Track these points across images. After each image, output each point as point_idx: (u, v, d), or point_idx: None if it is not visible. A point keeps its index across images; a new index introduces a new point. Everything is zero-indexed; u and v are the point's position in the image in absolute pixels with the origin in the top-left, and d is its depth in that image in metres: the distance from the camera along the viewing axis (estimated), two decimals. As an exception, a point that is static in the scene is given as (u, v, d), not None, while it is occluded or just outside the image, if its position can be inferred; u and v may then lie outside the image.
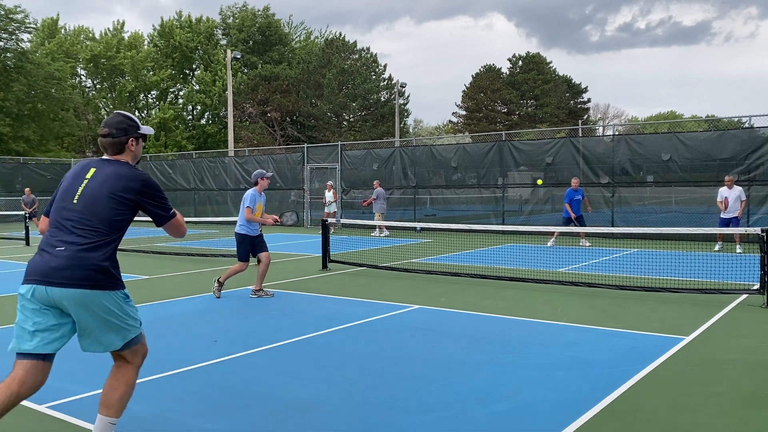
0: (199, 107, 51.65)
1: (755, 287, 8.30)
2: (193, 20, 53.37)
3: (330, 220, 12.69)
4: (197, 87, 51.39)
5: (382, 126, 49.41)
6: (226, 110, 40.29)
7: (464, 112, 63.22)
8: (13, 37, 38.02)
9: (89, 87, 52.14)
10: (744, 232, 9.21)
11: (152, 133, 4.20)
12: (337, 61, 49.03)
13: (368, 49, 51.75)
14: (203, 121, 53.11)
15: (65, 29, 52.10)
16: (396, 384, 4.92)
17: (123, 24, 54.00)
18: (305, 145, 25.51)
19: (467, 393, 4.67)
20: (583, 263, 12.35)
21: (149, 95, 52.87)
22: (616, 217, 18.09)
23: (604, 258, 13.32)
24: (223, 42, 54.16)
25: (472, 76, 62.64)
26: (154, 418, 4.22)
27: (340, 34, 54.35)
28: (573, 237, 16.90)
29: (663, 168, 17.50)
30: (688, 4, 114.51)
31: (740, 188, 13.96)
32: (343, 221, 19.14)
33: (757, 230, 8.05)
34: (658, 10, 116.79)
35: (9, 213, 26.35)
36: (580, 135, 20.87)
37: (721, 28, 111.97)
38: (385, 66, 52.68)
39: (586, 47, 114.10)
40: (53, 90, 39.46)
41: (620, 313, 7.50)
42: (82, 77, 52.10)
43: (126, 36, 51.99)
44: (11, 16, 37.16)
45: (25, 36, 41.06)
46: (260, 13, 54.02)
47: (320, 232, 12.29)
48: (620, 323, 6.98)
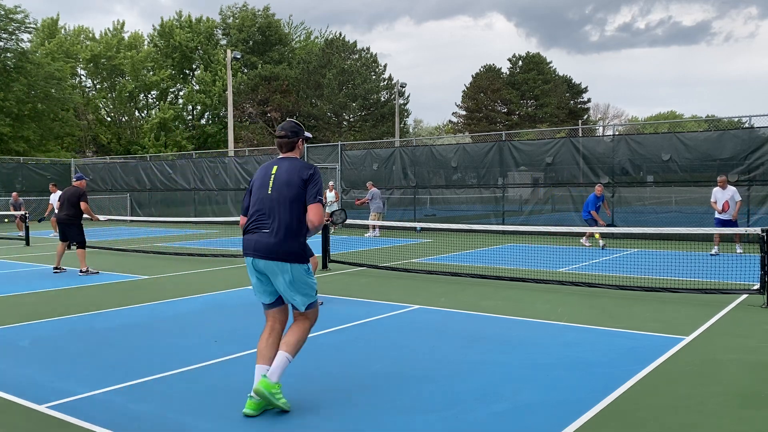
0: (199, 107, 51.64)
1: (755, 287, 8.30)
2: (193, 20, 53.37)
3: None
4: (197, 87, 51.38)
5: (382, 126, 49.43)
6: (226, 110, 40.29)
7: (464, 112, 63.22)
8: (13, 37, 38.05)
9: (89, 87, 52.13)
10: (744, 232, 9.18)
11: (311, 137, 4.89)
12: (337, 61, 49.04)
13: (368, 49, 51.81)
14: (203, 121, 53.11)
15: (65, 29, 52.09)
16: (396, 384, 4.92)
17: (123, 24, 54.02)
18: (305, 145, 25.48)
19: (467, 393, 4.67)
20: (583, 263, 12.35)
21: (149, 95, 52.87)
22: (616, 217, 18.08)
23: (604, 258, 13.32)
24: (223, 42, 54.16)
25: (472, 76, 62.67)
26: (154, 418, 4.22)
27: (340, 34, 54.41)
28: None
29: (663, 168, 17.50)
30: (688, 4, 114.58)
31: (734, 188, 13.29)
32: (343, 221, 19.13)
33: (757, 230, 8.05)
34: (658, 10, 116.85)
35: (8, 213, 26.33)
36: (580, 135, 20.87)
37: (721, 28, 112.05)
38: (385, 66, 52.75)
39: (586, 47, 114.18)
40: (53, 90, 39.46)
41: (620, 313, 7.50)
42: (82, 77, 52.11)
43: (126, 36, 52.01)
44: (11, 16, 37.17)
45: (25, 36, 41.14)
46: (260, 13, 54.03)
47: (320, 232, 12.29)
48: (620, 323, 6.98)
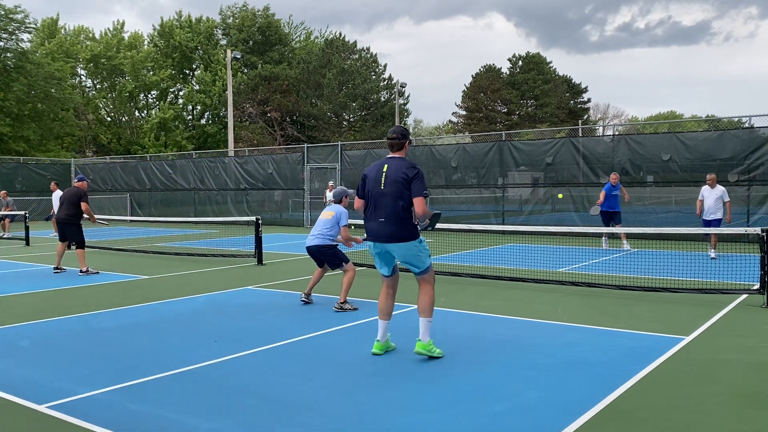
0: (199, 107, 51.64)
1: (755, 287, 8.30)
2: (193, 20, 53.37)
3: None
4: (197, 87, 51.37)
5: (382, 126, 49.40)
6: (226, 110, 40.29)
7: (464, 112, 63.23)
8: (13, 37, 38.05)
9: (89, 87, 52.12)
10: (744, 232, 9.19)
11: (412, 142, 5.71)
12: (337, 61, 49.03)
13: (368, 49, 51.79)
14: (203, 121, 53.10)
15: (65, 29, 52.08)
16: (396, 384, 4.92)
17: (123, 24, 54.01)
18: (305, 145, 25.52)
19: (467, 393, 4.67)
20: (583, 263, 12.35)
21: (149, 95, 52.86)
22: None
23: (604, 258, 13.32)
24: (223, 42, 54.16)
25: (472, 76, 62.70)
26: (154, 418, 4.22)
27: (340, 34, 54.39)
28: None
29: (663, 168, 17.50)
30: (688, 4, 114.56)
31: (723, 188, 12.70)
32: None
33: (757, 230, 8.05)
34: (658, 10, 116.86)
35: (8, 213, 26.33)
36: (580, 135, 20.85)
37: (721, 28, 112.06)
38: (385, 66, 52.73)
39: (586, 47, 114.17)
40: (53, 90, 39.45)
41: (620, 313, 7.50)
42: (82, 77, 52.10)
43: (126, 36, 52.01)
44: (11, 16, 37.17)
45: (25, 36, 41.12)
46: (260, 13, 54.03)
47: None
48: (620, 323, 6.98)
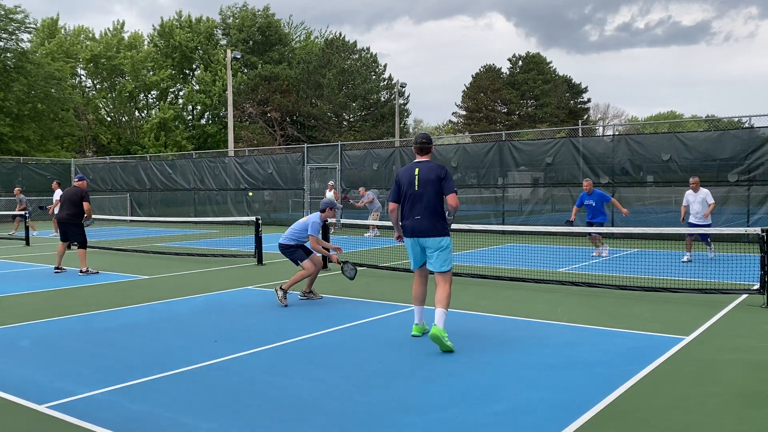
0: (199, 107, 51.64)
1: (755, 287, 8.30)
2: (193, 20, 53.38)
3: (330, 220, 12.67)
4: (197, 87, 51.38)
5: (382, 126, 49.41)
6: (226, 110, 40.29)
7: (464, 112, 63.23)
8: (13, 37, 38.04)
9: (89, 87, 52.14)
10: (744, 232, 9.19)
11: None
12: (337, 61, 49.03)
13: (368, 49, 51.78)
14: (203, 121, 53.11)
15: (65, 29, 52.10)
16: (396, 384, 4.92)
17: (123, 24, 53.99)
18: (305, 145, 25.51)
19: (467, 393, 4.67)
20: (583, 263, 12.35)
21: (149, 95, 52.87)
22: (616, 217, 18.08)
23: (604, 258, 13.32)
24: (223, 42, 54.16)
25: (472, 76, 62.68)
26: (154, 418, 4.22)
27: (340, 34, 54.38)
28: (579, 237, 16.87)
29: (663, 168, 17.50)
30: (688, 4, 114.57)
31: (706, 191, 12.44)
32: (343, 221, 19.15)
33: (757, 230, 8.05)
34: (658, 10, 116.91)
35: (9, 213, 26.33)
36: (580, 135, 20.85)
37: (721, 28, 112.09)
38: (385, 66, 52.71)
39: (586, 47, 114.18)
40: (53, 90, 39.45)
41: (620, 313, 7.50)
42: (82, 77, 52.11)
43: (126, 36, 52.02)
44: (11, 16, 37.16)
45: (25, 36, 41.13)
46: (260, 13, 54.03)
47: (320, 233, 12.26)
48: (620, 323, 6.98)
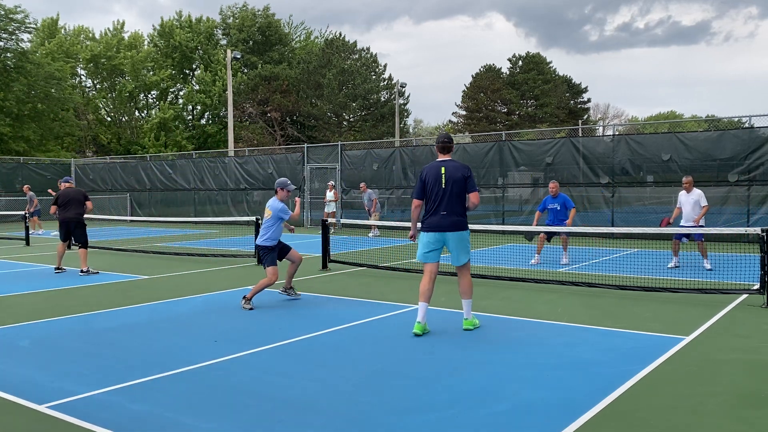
0: (199, 107, 51.63)
1: (755, 287, 8.30)
2: (193, 20, 53.37)
3: (330, 220, 12.69)
4: (197, 87, 51.36)
5: (382, 126, 49.40)
6: (226, 110, 40.28)
7: (464, 112, 63.21)
8: (13, 37, 38.03)
9: (89, 87, 52.13)
10: (744, 232, 9.19)
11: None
12: (337, 61, 49.02)
13: (368, 49, 51.77)
14: (203, 121, 53.09)
15: (65, 29, 52.10)
16: (396, 384, 4.92)
17: (123, 24, 53.98)
18: (305, 145, 25.51)
19: (467, 393, 4.67)
20: (583, 263, 12.34)
21: (149, 95, 52.86)
22: (616, 217, 18.09)
23: (604, 258, 13.32)
24: (223, 42, 54.14)
25: (472, 76, 62.66)
26: (154, 418, 4.22)
27: (340, 34, 54.37)
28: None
29: (663, 168, 17.50)
30: (687, 4, 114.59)
31: (700, 192, 11.72)
32: (343, 221, 19.15)
33: (757, 230, 8.05)
34: (657, 10, 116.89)
35: (9, 213, 26.35)
36: (580, 135, 20.86)
37: (721, 28, 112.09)
38: (385, 66, 52.70)
39: (585, 47, 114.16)
40: (53, 90, 39.44)
41: (620, 313, 7.51)
42: (82, 77, 52.10)
43: (126, 36, 52.01)
44: (11, 16, 37.15)
45: (25, 36, 41.13)
46: (260, 13, 54.01)
47: (320, 232, 12.29)
48: (620, 323, 6.98)
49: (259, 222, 13.07)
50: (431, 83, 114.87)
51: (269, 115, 48.62)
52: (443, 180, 6.40)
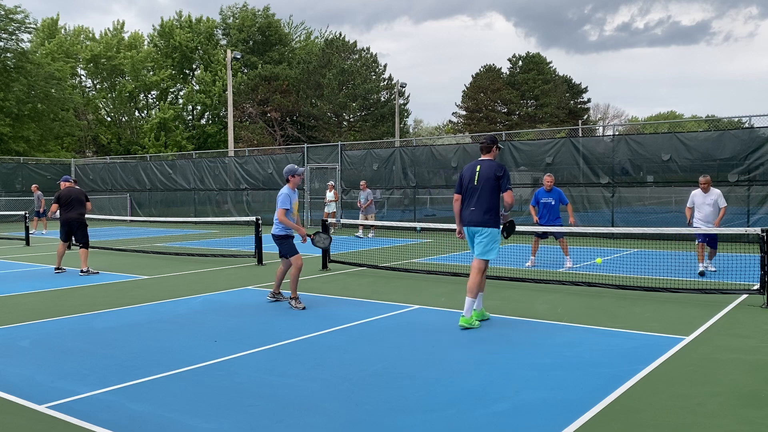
0: (199, 107, 51.63)
1: (755, 287, 8.30)
2: (193, 20, 53.37)
3: (330, 220, 12.69)
4: (197, 87, 51.36)
5: (382, 126, 49.39)
6: (226, 110, 40.28)
7: (464, 112, 63.20)
8: (13, 37, 38.01)
9: (89, 87, 52.13)
10: (744, 232, 9.18)
11: (502, 148, 6.40)
12: (337, 61, 49.02)
13: (368, 49, 51.75)
14: (203, 121, 53.09)
15: (65, 29, 52.10)
16: (396, 384, 4.92)
17: (123, 24, 53.95)
18: (305, 145, 25.51)
19: (467, 393, 4.67)
20: (584, 263, 12.34)
21: (149, 95, 52.86)
22: (616, 217, 18.09)
23: (604, 258, 13.31)
24: (223, 42, 54.14)
25: (472, 76, 62.66)
26: (154, 418, 4.22)
27: (340, 34, 54.38)
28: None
29: (663, 168, 17.50)
30: (687, 4, 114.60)
31: (718, 192, 10.68)
32: (343, 221, 19.15)
33: (757, 230, 8.05)
34: (657, 10, 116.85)
35: (9, 213, 26.35)
36: (580, 135, 20.86)
37: (721, 28, 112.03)
38: (385, 66, 52.70)
39: (585, 47, 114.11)
40: (53, 90, 39.44)
41: (620, 313, 7.51)
42: (82, 77, 52.11)
43: (126, 36, 52.01)
44: (11, 16, 37.14)
45: (25, 36, 41.10)
46: (260, 13, 54.02)
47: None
48: (620, 323, 6.98)
49: (260, 222, 13.09)
50: (431, 83, 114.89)
51: (269, 115, 48.61)
52: (476, 178, 6.83)
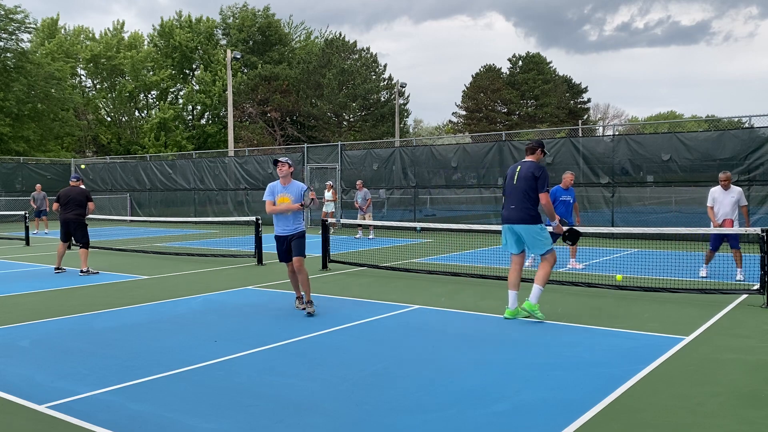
0: (199, 107, 51.62)
1: (755, 287, 8.30)
2: (193, 20, 53.37)
3: (330, 220, 12.69)
4: (197, 87, 51.36)
5: (382, 126, 49.39)
6: (226, 110, 40.28)
7: (464, 112, 63.20)
8: (13, 37, 38.02)
9: (89, 87, 52.13)
10: (744, 232, 9.17)
11: (547, 153, 6.57)
12: (337, 61, 49.02)
13: (368, 49, 51.76)
14: (203, 121, 53.08)
15: (65, 29, 52.09)
16: (396, 384, 4.92)
17: (123, 24, 53.96)
18: (305, 145, 25.51)
19: (467, 393, 4.67)
20: (584, 263, 12.34)
21: (149, 95, 52.86)
22: (616, 217, 18.09)
23: (604, 258, 13.31)
24: (223, 42, 54.14)
25: (472, 76, 62.67)
26: (154, 418, 4.22)
27: (340, 34, 54.37)
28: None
29: (663, 168, 17.50)
30: (687, 4, 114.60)
31: (739, 189, 10.27)
32: (343, 221, 19.15)
33: (757, 230, 8.05)
34: (657, 10, 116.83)
35: (9, 213, 26.34)
36: (580, 135, 20.85)
37: (721, 28, 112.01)
38: (385, 66, 52.71)
39: (585, 47, 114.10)
40: (53, 90, 39.44)
41: (620, 313, 7.51)
42: (82, 77, 52.10)
43: (126, 36, 52.02)
44: (11, 16, 37.15)
45: (25, 36, 41.10)
46: (260, 13, 54.02)
47: (320, 232, 12.30)
48: (620, 323, 6.98)
49: (260, 222, 13.09)
50: (431, 83, 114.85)
51: (269, 115, 48.61)
52: (515, 177, 7.22)
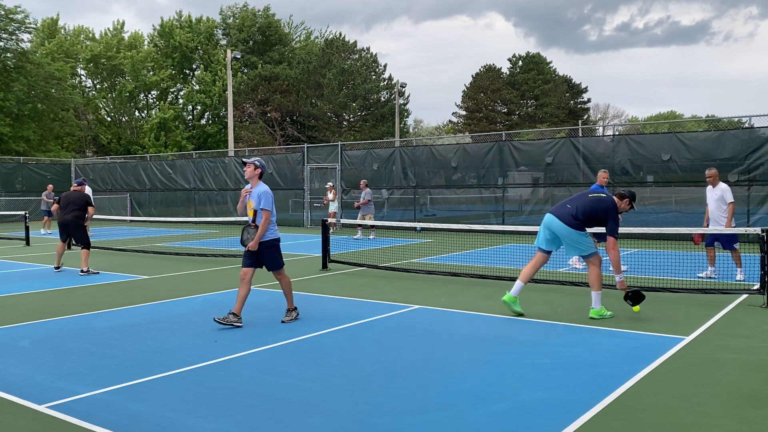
0: (199, 107, 51.63)
1: (755, 287, 8.30)
2: (193, 20, 53.37)
3: (330, 220, 12.70)
4: (197, 87, 51.36)
5: (382, 126, 49.40)
6: (226, 110, 40.28)
7: (464, 112, 63.23)
8: (13, 37, 38.01)
9: (89, 87, 52.12)
10: (744, 232, 9.17)
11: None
12: (337, 61, 49.03)
13: (368, 49, 51.80)
14: (203, 121, 53.08)
15: (65, 29, 52.08)
16: (396, 384, 4.92)
17: (123, 24, 53.97)
18: (305, 145, 25.51)
19: (467, 393, 4.67)
20: (584, 263, 12.32)
21: (149, 95, 52.86)
22: (616, 217, 18.05)
23: (605, 258, 13.29)
24: (223, 42, 54.14)
25: (472, 76, 62.71)
26: (154, 418, 4.22)
27: (340, 34, 54.40)
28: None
29: (663, 168, 17.50)
30: (687, 4, 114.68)
31: (725, 186, 10.16)
32: (343, 221, 19.15)
33: (757, 230, 8.05)
34: (657, 10, 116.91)
35: (9, 213, 26.34)
36: (580, 135, 20.85)
37: (721, 28, 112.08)
38: (385, 66, 52.73)
39: (585, 47, 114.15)
40: (53, 90, 39.43)
41: (620, 313, 7.50)
42: (82, 77, 52.10)
43: (126, 36, 52.02)
44: (11, 16, 37.14)
45: (25, 36, 41.08)
46: (260, 13, 54.03)
47: (320, 232, 12.30)
48: (620, 323, 6.98)
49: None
50: (431, 83, 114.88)
51: (269, 115, 48.61)
52: (593, 195, 7.72)
